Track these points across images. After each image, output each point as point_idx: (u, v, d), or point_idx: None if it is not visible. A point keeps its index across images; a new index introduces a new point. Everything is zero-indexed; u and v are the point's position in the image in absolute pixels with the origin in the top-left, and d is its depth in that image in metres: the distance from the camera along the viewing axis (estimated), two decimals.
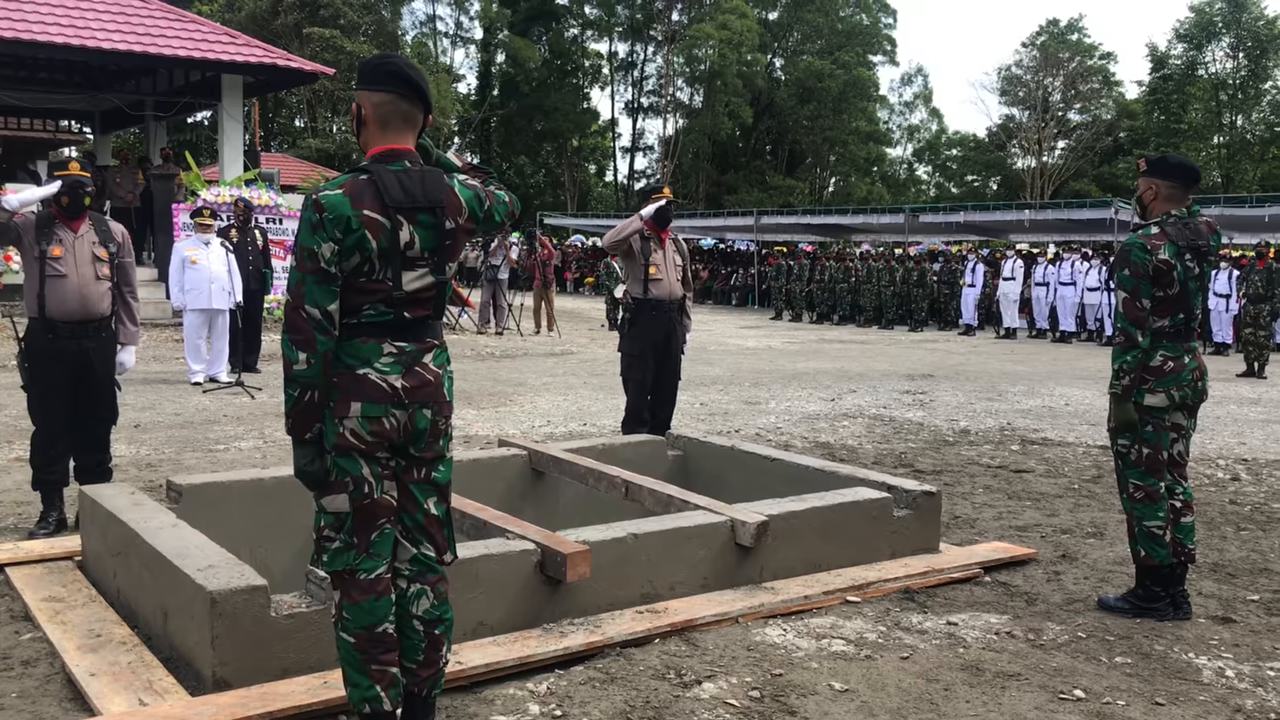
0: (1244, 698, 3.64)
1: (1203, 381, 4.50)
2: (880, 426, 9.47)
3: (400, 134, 3.02)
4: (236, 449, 7.77)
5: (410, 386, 2.95)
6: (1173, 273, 4.37)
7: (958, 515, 6.15)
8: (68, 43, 15.85)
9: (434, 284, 3.01)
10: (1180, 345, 4.44)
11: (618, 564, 4.17)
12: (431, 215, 2.97)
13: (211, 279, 10.89)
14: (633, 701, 3.47)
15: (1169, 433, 4.48)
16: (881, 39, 54.77)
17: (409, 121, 3.03)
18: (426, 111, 3.07)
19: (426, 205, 2.96)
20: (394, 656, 2.97)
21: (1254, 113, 46.85)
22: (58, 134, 23.53)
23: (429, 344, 3.03)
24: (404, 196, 2.93)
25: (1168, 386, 4.40)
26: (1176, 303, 4.40)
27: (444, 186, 3.01)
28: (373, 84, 3.00)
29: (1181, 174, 4.51)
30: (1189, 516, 4.53)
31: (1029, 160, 52.15)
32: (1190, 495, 4.59)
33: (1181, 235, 4.42)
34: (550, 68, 52.25)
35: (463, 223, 3.04)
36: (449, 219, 3.00)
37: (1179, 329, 4.43)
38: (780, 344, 18.74)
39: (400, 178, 2.95)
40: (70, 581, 4.47)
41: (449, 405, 3.07)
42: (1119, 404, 4.43)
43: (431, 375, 3.00)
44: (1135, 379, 4.38)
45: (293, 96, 45.21)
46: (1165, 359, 4.41)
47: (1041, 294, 21.58)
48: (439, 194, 2.98)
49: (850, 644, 4.03)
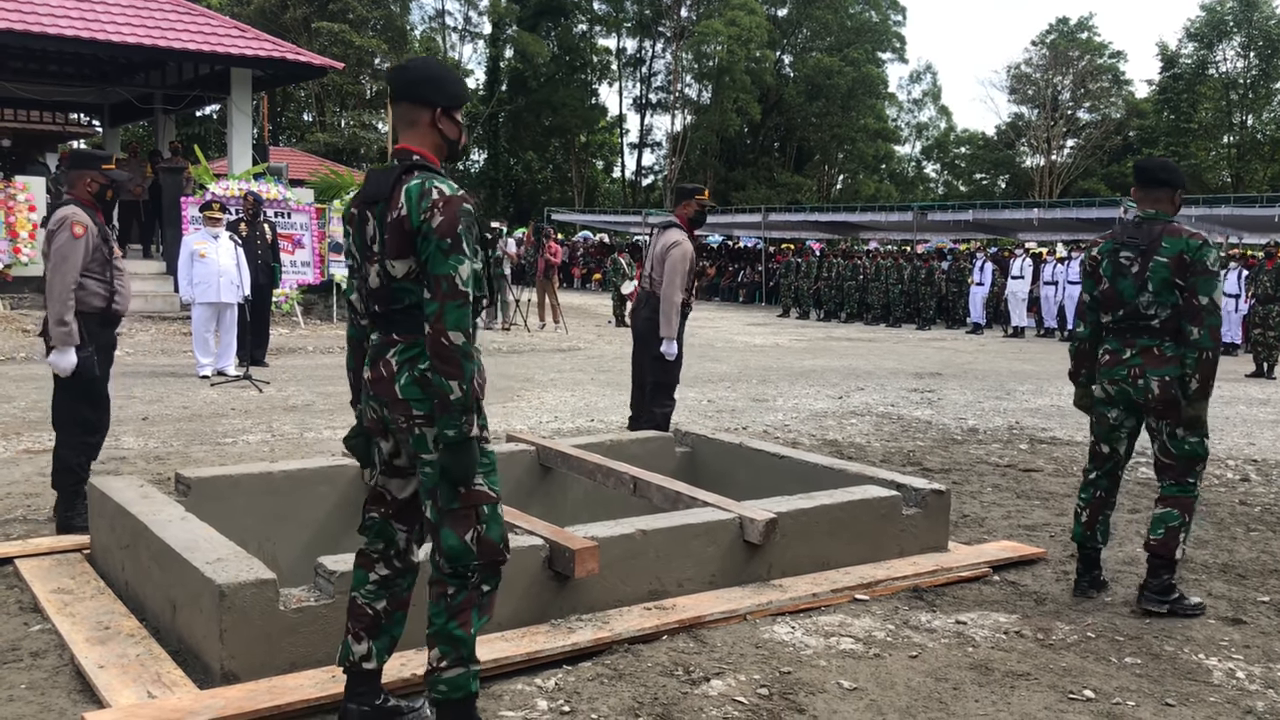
0: (1254, 699, 3.62)
1: (1144, 380, 4.44)
2: (888, 424, 9.45)
3: (402, 134, 3.08)
4: (245, 442, 7.77)
5: (370, 379, 3.06)
6: (1099, 269, 4.58)
7: (966, 514, 6.13)
8: (77, 35, 15.87)
9: (379, 277, 3.00)
10: (1122, 340, 4.54)
11: (626, 560, 4.16)
12: (378, 208, 2.99)
13: (220, 273, 10.90)
14: (641, 698, 3.46)
15: (1105, 425, 4.65)
16: (890, 36, 54.62)
17: (403, 120, 3.07)
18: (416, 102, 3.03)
19: (375, 199, 2.99)
20: (354, 623, 3.16)
21: (1264, 112, 46.67)
22: (67, 127, 23.60)
23: (391, 339, 3.01)
24: (367, 192, 3.04)
25: (1101, 379, 4.62)
26: (1109, 298, 4.55)
27: (394, 181, 2.96)
28: None
29: (1136, 174, 4.69)
30: (1160, 508, 4.55)
31: (1038, 159, 52.03)
32: (1166, 491, 4.56)
33: (1121, 234, 4.60)
34: (559, 63, 52.21)
35: (398, 215, 2.92)
36: (391, 212, 2.95)
37: (1120, 325, 4.54)
38: (788, 341, 18.71)
39: (373, 175, 3.05)
40: (79, 574, 4.48)
41: (403, 404, 2.95)
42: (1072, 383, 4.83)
43: (386, 371, 2.99)
44: (1075, 365, 4.77)
45: (301, 90, 45.22)
46: (1105, 352, 4.62)
47: (1050, 293, 21.51)
48: (385, 188, 2.97)
49: (859, 642, 4.02)
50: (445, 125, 3.07)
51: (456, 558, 2.95)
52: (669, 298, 6.74)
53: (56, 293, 5.21)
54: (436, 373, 2.84)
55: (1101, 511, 4.72)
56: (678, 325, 6.80)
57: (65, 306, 5.21)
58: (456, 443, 2.87)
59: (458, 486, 2.94)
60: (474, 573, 2.98)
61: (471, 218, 2.93)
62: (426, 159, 3.02)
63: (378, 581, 3.15)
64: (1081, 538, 4.73)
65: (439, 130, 3.06)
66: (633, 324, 7.15)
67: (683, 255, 6.75)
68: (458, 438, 2.87)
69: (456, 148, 3.13)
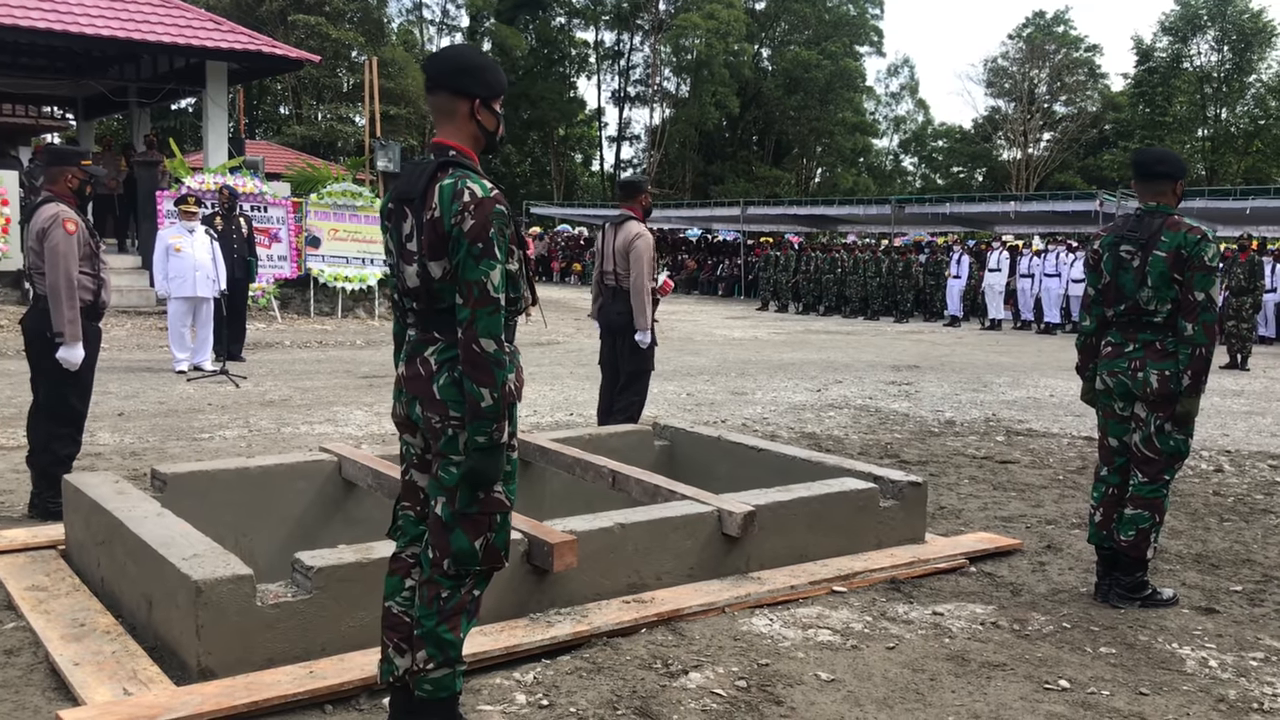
0: (1227, 688, 3.66)
1: (1144, 374, 4.42)
2: (866, 417, 9.49)
3: (439, 127, 3.01)
4: (221, 437, 7.73)
5: (405, 376, 3.02)
6: (1100, 263, 4.58)
7: (943, 506, 6.16)
8: (50, 28, 15.71)
9: (417, 277, 2.93)
10: (1125, 334, 4.54)
11: (604, 554, 4.17)
12: (413, 206, 2.93)
13: (196, 267, 10.83)
14: (619, 691, 3.47)
15: (1112, 419, 4.62)
16: (868, 30, 54.76)
17: (440, 111, 3.00)
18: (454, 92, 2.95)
19: (410, 197, 2.93)
20: (392, 634, 3.07)
21: (1238, 106, 47.02)
22: (40, 120, 23.39)
23: (430, 337, 2.96)
24: (401, 188, 2.98)
25: (1101, 371, 4.62)
26: (1110, 292, 4.55)
27: (428, 179, 2.90)
28: None
29: (1135, 168, 4.66)
30: (1130, 509, 4.51)
31: (1014, 152, 52.27)
32: (1138, 490, 4.51)
33: (1122, 227, 4.59)
34: (537, 56, 52.09)
35: (432, 217, 2.87)
36: (426, 211, 2.89)
37: (1123, 319, 4.54)
38: (766, 335, 18.75)
39: (408, 170, 2.99)
40: (54, 571, 4.44)
41: (440, 404, 2.90)
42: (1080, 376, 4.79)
43: (424, 369, 2.95)
44: (1082, 360, 4.73)
45: (278, 84, 44.93)
46: (1107, 344, 4.62)
47: (1026, 285, 21.64)
48: (420, 186, 2.91)
49: (836, 634, 4.03)
50: (484, 116, 3.00)
51: (463, 561, 2.93)
52: (641, 288, 6.87)
53: (63, 290, 5.34)
54: (469, 379, 2.81)
55: (1116, 509, 4.59)
56: (650, 314, 6.94)
57: (73, 302, 5.35)
58: (486, 449, 2.84)
59: (478, 491, 2.91)
60: (471, 576, 2.97)
61: (505, 219, 2.88)
62: (463, 153, 2.96)
63: (414, 587, 3.06)
64: (1098, 539, 4.63)
65: (477, 122, 2.99)
66: (603, 320, 7.18)
67: (647, 245, 6.92)
68: (488, 444, 2.83)
69: (495, 139, 3.05)
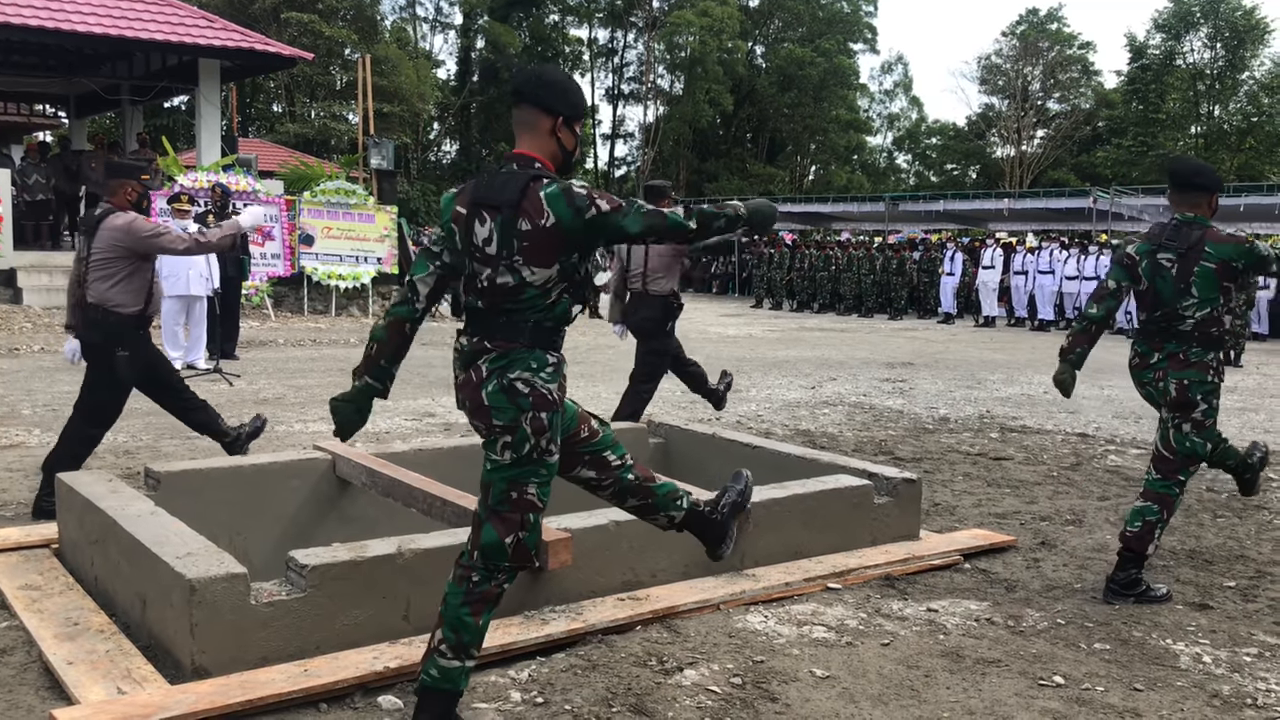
0: (1220, 683, 3.67)
1: (1164, 383, 4.50)
2: (860, 414, 9.50)
3: (520, 139, 3.09)
4: None
5: (460, 382, 3.09)
6: (1137, 269, 4.58)
7: (938, 502, 6.17)
8: (42, 25, 15.67)
9: (497, 283, 2.99)
10: (1150, 344, 4.57)
11: (600, 551, 4.16)
12: (501, 213, 2.98)
13: (189, 265, 10.80)
14: (614, 689, 3.47)
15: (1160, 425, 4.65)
16: (862, 27, 54.74)
17: (523, 124, 3.08)
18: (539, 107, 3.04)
19: (496, 203, 2.98)
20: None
21: (1231, 103, 47.07)
22: (32, 118, 23.32)
23: (483, 346, 3.02)
24: (481, 194, 3.02)
25: (1134, 381, 4.69)
26: (1148, 298, 4.57)
27: (521, 188, 2.96)
28: None
29: (1170, 177, 4.69)
30: (1140, 501, 4.58)
31: (1008, 149, 52.30)
32: (1151, 485, 4.60)
33: (1158, 236, 4.60)
34: (531, 54, 51.96)
35: (544, 225, 2.93)
36: (522, 219, 2.95)
37: (1151, 327, 4.57)
38: (761, 332, 18.76)
39: (489, 177, 3.05)
40: (47, 569, 4.43)
41: (485, 410, 2.99)
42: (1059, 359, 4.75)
43: (476, 376, 3.03)
44: (1072, 342, 4.69)
45: (270, 81, 44.75)
46: (1134, 354, 4.66)
47: (1020, 282, 21.68)
48: (512, 194, 2.97)
49: (831, 631, 4.04)
50: (564, 135, 3.09)
51: (491, 554, 3.03)
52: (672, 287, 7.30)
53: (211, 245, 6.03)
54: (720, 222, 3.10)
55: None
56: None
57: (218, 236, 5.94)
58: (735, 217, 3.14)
59: (510, 492, 3.02)
60: (501, 571, 3.06)
61: None
62: (545, 167, 3.04)
63: None
64: None
65: (558, 139, 3.09)
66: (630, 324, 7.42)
67: (677, 251, 7.17)
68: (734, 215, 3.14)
69: (571, 160, 3.15)
